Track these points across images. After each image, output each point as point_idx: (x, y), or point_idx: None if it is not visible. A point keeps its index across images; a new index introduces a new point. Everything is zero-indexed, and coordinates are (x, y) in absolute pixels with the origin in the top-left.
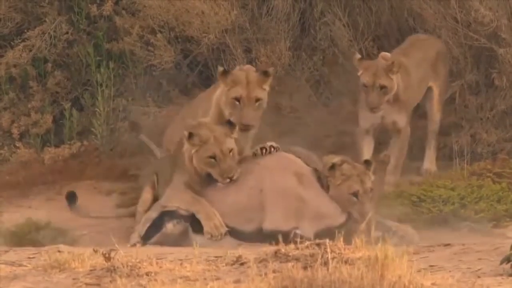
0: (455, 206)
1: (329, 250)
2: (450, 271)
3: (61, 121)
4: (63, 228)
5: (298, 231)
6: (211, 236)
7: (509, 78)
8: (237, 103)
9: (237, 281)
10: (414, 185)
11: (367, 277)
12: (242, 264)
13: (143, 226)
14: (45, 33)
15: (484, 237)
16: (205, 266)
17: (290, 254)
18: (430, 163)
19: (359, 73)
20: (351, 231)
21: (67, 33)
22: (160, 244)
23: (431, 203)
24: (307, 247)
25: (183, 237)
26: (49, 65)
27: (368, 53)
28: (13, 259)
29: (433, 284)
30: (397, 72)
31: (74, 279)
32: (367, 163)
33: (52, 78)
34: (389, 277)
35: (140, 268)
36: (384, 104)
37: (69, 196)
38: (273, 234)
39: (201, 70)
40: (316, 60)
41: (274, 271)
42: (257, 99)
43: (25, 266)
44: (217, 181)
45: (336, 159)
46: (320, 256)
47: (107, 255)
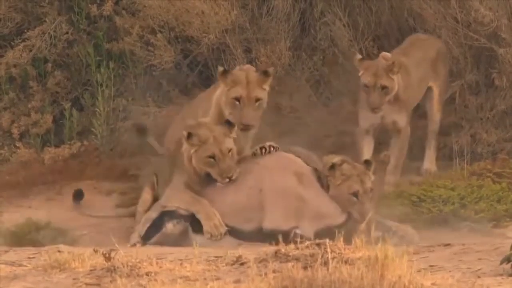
0: (455, 206)
1: (329, 250)
2: (450, 271)
3: (61, 121)
4: (63, 228)
5: (298, 231)
6: (211, 235)
7: (509, 78)
8: (237, 103)
9: (237, 281)
10: (414, 185)
11: (367, 277)
12: (242, 264)
13: (143, 226)
14: (45, 33)
15: (484, 237)
16: (205, 266)
17: (290, 254)
18: (430, 163)
19: (360, 74)
20: (351, 231)
21: (67, 33)
22: (160, 244)
23: (431, 203)
24: (307, 247)
25: (183, 237)
26: (49, 65)
27: (368, 53)
28: (13, 259)
29: (433, 284)
30: (398, 72)
31: (74, 279)
32: (367, 163)
33: (52, 78)
34: (389, 277)
35: (140, 268)
36: (384, 104)
37: (76, 193)
38: (273, 234)
39: (201, 70)
40: (316, 60)
41: (274, 271)
42: (257, 99)
43: (25, 266)
44: (216, 181)
45: (336, 159)
46: (320, 256)
47: (107, 255)
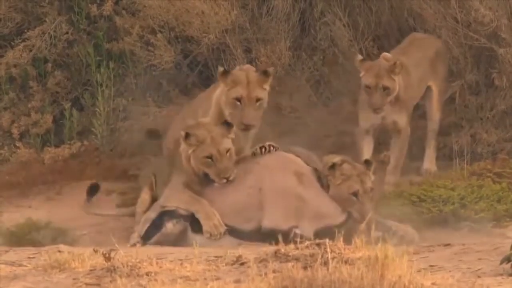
0: (455, 206)
1: (329, 250)
2: (450, 271)
3: (61, 121)
4: (63, 228)
5: (298, 231)
6: (210, 235)
7: (509, 78)
8: (237, 103)
9: (237, 281)
10: (414, 185)
11: (367, 277)
12: (242, 264)
13: (143, 226)
14: (45, 33)
15: (484, 237)
16: (205, 266)
17: (290, 254)
18: (430, 163)
19: (361, 74)
20: (351, 231)
21: (67, 33)
22: (160, 244)
23: (431, 203)
24: (307, 247)
25: (183, 237)
26: (49, 65)
27: (368, 53)
28: (13, 259)
29: (433, 284)
30: (400, 73)
31: (74, 279)
32: (367, 163)
33: (52, 78)
34: (389, 277)
35: (140, 268)
36: (385, 105)
37: (91, 188)
38: (272, 233)
39: (201, 70)
40: (316, 60)
41: (274, 271)
42: (258, 99)
43: (25, 266)
44: (213, 181)
45: (336, 159)
46: (320, 256)
47: (107, 255)
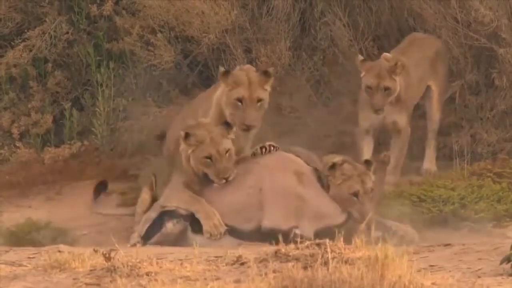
0: (455, 206)
1: (329, 250)
2: (450, 271)
3: (61, 121)
4: (63, 228)
5: (298, 230)
6: (210, 235)
7: (509, 78)
8: (239, 103)
9: (237, 281)
10: (414, 185)
11: (367, 277)
12: (242, 264)
13: (143, 226)
14: (45, 33)
15: (484, 237)
16: (205, 266)
17: (290, 254)
18: (430, 163)
19: (362, 75)
20: (351, 231)
21: (67, 33)
22: (160, 244)
23: (431, 203)
24: (307, 247)
25: (183, 237)
26: (49, 65)
27: (368, 53)
28: (13, 259)
29: (433, 284)
30: (401, 73)
31: (74, 279)
32: (367, 163)
33: (52, 78)
34: (389, 277)
35: (140, 268)
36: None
37: (99, 186)
38: (272, 233)
39: (201, 70)
40: (316, 60)
41: (274, 271)
42: (259, 100)
43: (25, 266)
44: (213, 181)
45: (337, 158)
46: (320, 256)
47: (107, 255)
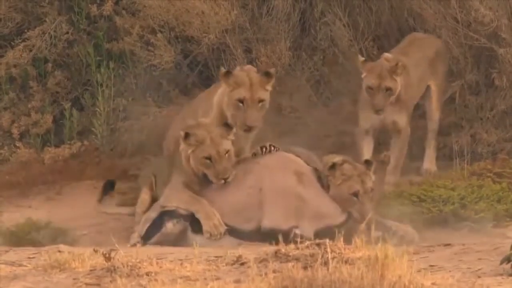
0: (455, 206)
1: (329, 250)
2: (450, 271)
3: (61, 121)
4: (63, 228)
5: (298, 231)
6: (210, 235)
7: (509, 78)
8: (240, 104)
9: (237, 281)
10: (414, 185)
11: (367, 277)
12: (242, 264)
13: (143, 226)
14: (45, 33)
15: (484, 237)
16: (205, 266)
17: (290, 254)
18: (430, 163)
19: (363, 76)
20: (351, 231)
21: (67, 33)
22: (160, 244)
23: (431, 203)
24: (307, 247)
25: (183, 237)
26: (49, 65)
27: (368, 53)
28: (13, 259)
29: (433, 284)
30: (401, 73)
31: (74, 279)
32: (368, 163)
33: (52, 78)
34: (389, 277)
35: (140, 268)
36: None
37: (106, 185)
38: (272, 233)
39: (201, 70)
40: (316, 60)
41: (274, 271)
42: (260, 100)
43: (25, 266)
44: (212, 182)
45: (337, 158)
46: (320, 256)
47: (107, 255)
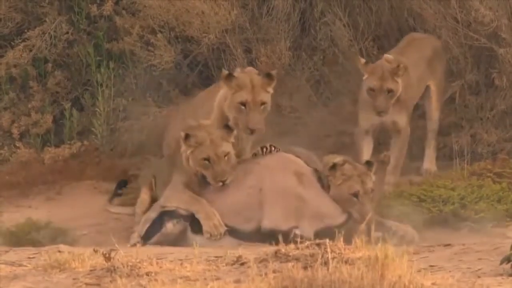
0: (455, 206)
1: (329, 250)
2: (450, 271)
3: (61, 121)
4: (63, 228)
5: (298, 231)
6: (211, 235)
7: (509, 78)
8: (242, 107)
9: (237, 281)
10: (414, 185)
11: (367, 277)
12: (242, 264)
13: (143, 226)
14: (45, 33)
15: (484, 237)
16: (205, 266)
17: (290, 254)
18: (430, 163)
19: (365, 77)
20: (351, 231)
21: (67, 33)
22: (160, 244)
23: (431, 203)
24: (307, 247)
25: (183, 237)
26: (49, 65)
27: (368, 53)
28: (13, 259)
29: (433, 284)
30: (403, 75)
31: (74, 279)
32: (368, 164)
33: (52, 78)
34: (389, 277)
35: (140, 268)
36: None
37: (119, 185)
38: (272, 233)
39: (201, 70)
40: (316, 60)
41: (274, 271)
42: (262, 103)
43: (25, 266)
44: (210, 183)
45: (337, 159)
46: (320, 256)
47: (107, 255)
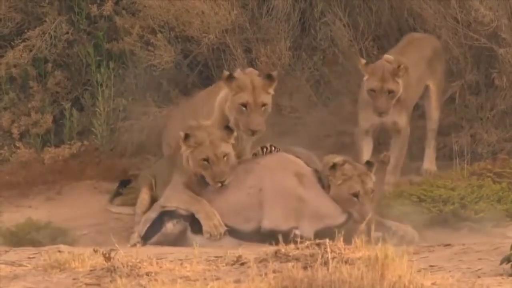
0: (455, 206)
1: (329, 250)
2: (450, 271)
3: (61, 121)
4: (63, 228)
5: (298, 231)
6: (210, 235)
7: (509, 78)
8: (243, 108)
9: (237, 281)
10: (414, 185)
11: (367, 277)
12: (242, 264)
13: (143, 226)
14: (45, 33)
15: (484, 237)
16: (205, 266)
17: (290, 254)
18: (430, 163)
19: (365, 78)
20: (351, 231)
21: (67, 33)
22: (160, 244)
23: (431, 203)
24: (307, 247)
25: (183, 237)
26: (49, 65)
27: (368, 53)
28: (13, 259)
29: (433, 284)
30: (403, 75)
31: (74, 279)
32: (369, 164)
33: (52, 78)
34: (389, 277)
35: (140, 268)
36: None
37: (121, 184)
38: (272, 233)
39: (201, 70)
40: (316, 60)
41: (274, 271)
42: (263, 104)
43: (25, 266)
44: (208, 184)
45: (337, 159)
46: (320, 256)
47: (107, 255)
